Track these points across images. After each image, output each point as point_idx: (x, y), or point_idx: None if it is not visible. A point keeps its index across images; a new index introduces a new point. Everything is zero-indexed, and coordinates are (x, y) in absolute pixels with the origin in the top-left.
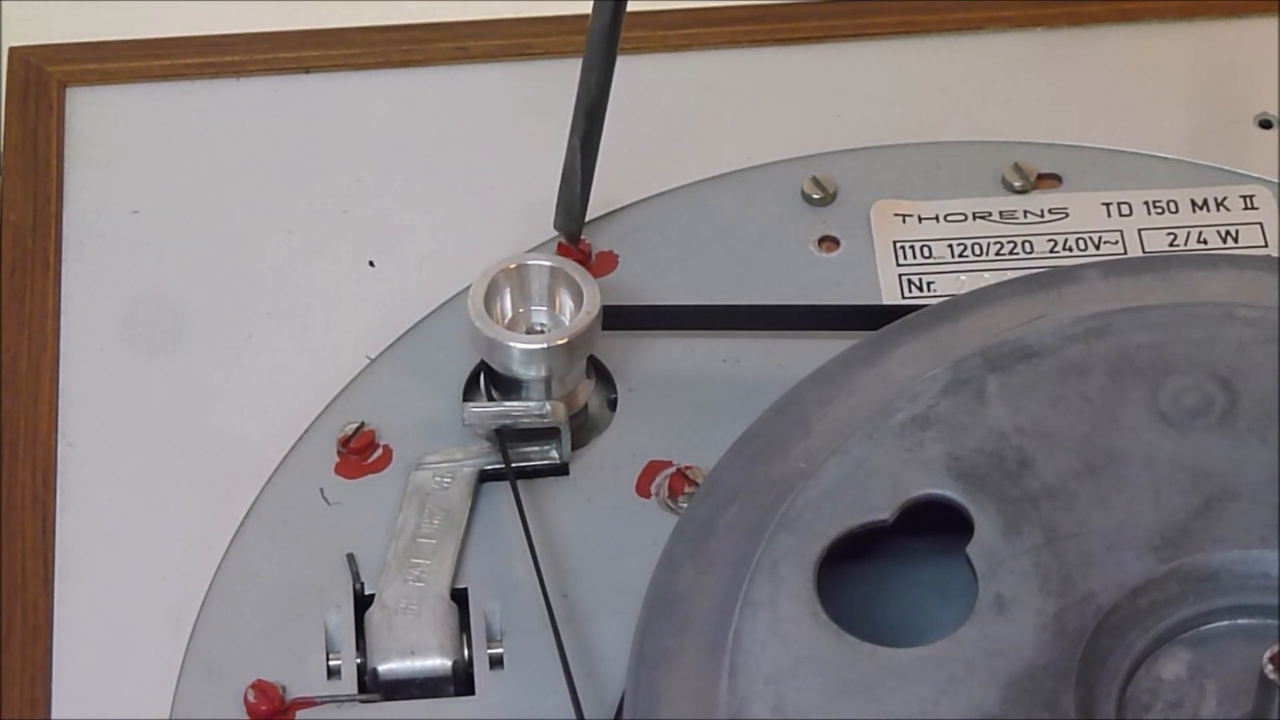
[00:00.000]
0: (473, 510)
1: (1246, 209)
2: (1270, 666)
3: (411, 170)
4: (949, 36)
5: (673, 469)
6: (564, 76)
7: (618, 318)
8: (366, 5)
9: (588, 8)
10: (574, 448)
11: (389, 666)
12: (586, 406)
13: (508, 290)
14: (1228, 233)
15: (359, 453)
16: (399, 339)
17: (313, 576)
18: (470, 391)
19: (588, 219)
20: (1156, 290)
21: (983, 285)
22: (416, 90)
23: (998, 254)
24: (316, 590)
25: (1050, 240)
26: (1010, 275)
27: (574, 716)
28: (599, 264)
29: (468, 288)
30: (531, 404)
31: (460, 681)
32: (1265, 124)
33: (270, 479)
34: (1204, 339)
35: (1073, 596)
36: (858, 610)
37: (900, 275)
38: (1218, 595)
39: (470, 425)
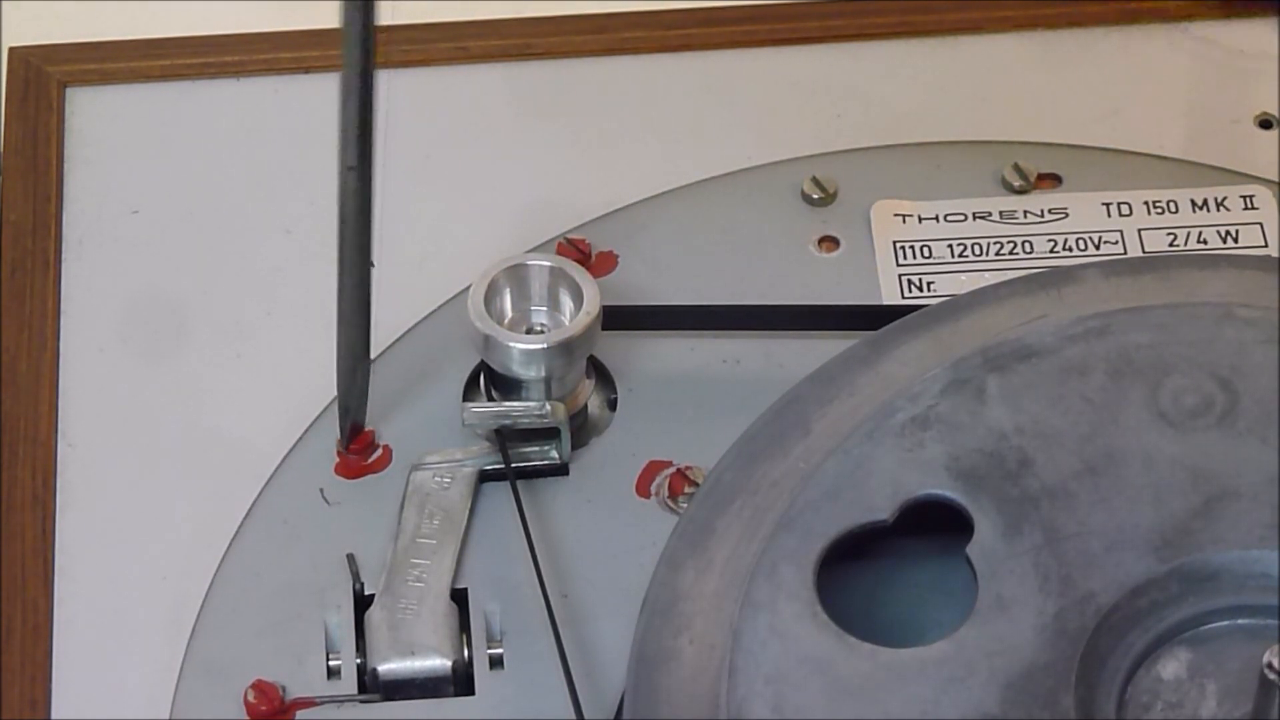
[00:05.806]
0: (473, 510)
1: (1246, 209)
2: (1270, 667)
3: (411, 170)
4: (949, 37)
5: (673, 469)
6: (564, 76)
7: (618, 318)
8: None
9: (589, 7)
10: (574, 448)
11: (389, 666)
12: (586, 406)
13: (508, 290)
14: (1228, 233)
15: (359, 453)
16: (399, 339)
17: (313, 576)
18: (470, 391)
19: (589, 219)
20: (1156, 290)
21: (983, 285)
22: (416, 90)
23: (998, 254)
24: (316, 590)
25: (1050, 240)
26: (1010, 275)
27: (574, 716)
28: (599, 264)
29: (468, 288)
30: (531, 404)
31: (460, 681)
32: (1265, 124)
33: (270, 479)
34: (1204, 339)
35: (1073, 596)
36: (858, 610)
37: (900, 275)
38: (1218, 595)
39: (470, 425)
